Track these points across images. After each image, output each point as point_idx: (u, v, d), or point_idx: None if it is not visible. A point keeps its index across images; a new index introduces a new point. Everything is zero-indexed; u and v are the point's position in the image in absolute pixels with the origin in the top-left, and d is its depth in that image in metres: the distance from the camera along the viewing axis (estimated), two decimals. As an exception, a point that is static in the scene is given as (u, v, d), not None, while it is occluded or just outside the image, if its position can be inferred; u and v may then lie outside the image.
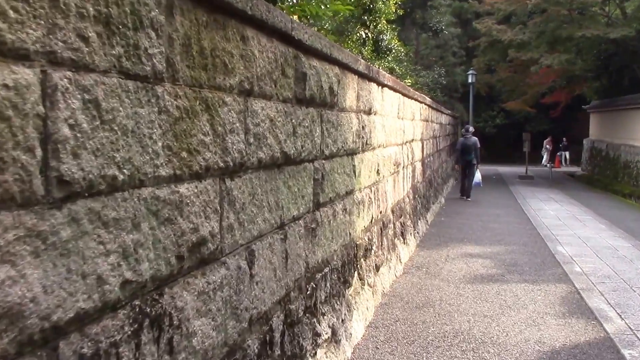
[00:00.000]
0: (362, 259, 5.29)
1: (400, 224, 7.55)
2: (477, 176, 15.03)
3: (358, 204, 5.13)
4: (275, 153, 3.10)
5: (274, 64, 3.05)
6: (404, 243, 7.63)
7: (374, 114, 5.91)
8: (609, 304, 6.04)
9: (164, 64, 1.97)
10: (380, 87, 6.23)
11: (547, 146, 29.71)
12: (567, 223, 11.28)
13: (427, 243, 8.94)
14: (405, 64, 15.90)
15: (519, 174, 22.82)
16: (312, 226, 3.81)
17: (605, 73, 21.03)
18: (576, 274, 7.22)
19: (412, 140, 9.19)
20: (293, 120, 3.39)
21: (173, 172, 2.03)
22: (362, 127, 5.31)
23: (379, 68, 6.81)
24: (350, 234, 4.85)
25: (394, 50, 10.07)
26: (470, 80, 24.38)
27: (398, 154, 7.55)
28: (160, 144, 1.94)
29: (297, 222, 3.51)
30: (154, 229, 1.90)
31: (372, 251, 5.73)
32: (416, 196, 9.39)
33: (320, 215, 4.01)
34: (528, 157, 23.02)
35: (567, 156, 30.88)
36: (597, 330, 5.27)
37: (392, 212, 7.04)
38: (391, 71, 10.48)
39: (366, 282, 5.39)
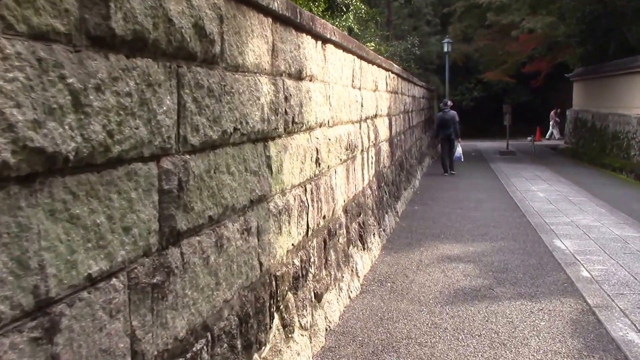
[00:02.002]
0: (288, 294, 3.57)
1: (359, 225, 5.84)
2: (458, 150, 14.75)
3: (278, 215, 3.39)
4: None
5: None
6: (364, 249, 5.92)
7: (309, 80, 4.14)
8: (639, 331, 4.41)
9: None
10: (319, 42, 4.47)
11: (557, 119, 27.77)
12: (560, 207, 9.67)
13: (396, 242, 7.25)
14: (373, 30, 14.06)
15: (500, 150, 21.19)
16: (155, 281, 2.07)
17: (590, 38, 19.33)
18: (585, 282, 5.59)
19: (376, 115, 7.45)
20: (71, 81, 1.62)
21: None
22: (285, 97, 3.55)
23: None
24: (261, 265, 3.11)
25: (352, 7, 8.26)
26: (445, 50, 22.64)
27: (353, 134, 5.81)
28: None
29: (102, 284, 1.78)
30: None
31: (309, 276, 4.01)
32: (382, 185, 7.67)
33: (181, 254, 2.27)
34: (509, 131, 21.44)
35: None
36: (632, 383, 3.64)
37: (345, 212, 5.31)
38: (349, 32, 8.67)
39: (297, 326, 3.67)
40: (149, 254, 2.06)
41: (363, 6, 9.74)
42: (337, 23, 7.91)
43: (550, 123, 28.45)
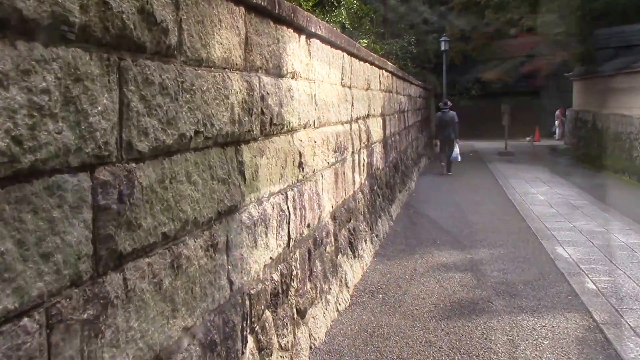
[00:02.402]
0: (265, 313, 3.22)
1: (349, 231, 5.49)
2: (455, 150, 14.55)
3: (253, 227, 3.04)
4: None
5: None
6: (354, 257, 5.57)
7: (291, 77, 3.79)
8: (652, 351, 4.06)
9: None
10: (303, 36, 4.12)
11: (563, 118, 27.14)
12: (562, 211, 9.31)
13: (389, 249, 6.90)
14: (367, 27, 13.71)
15: (499, 150, 20.82)
16: (86, 316, 1.72)
17: (590, 37, 18.99)
18: (590, 295, 5.24)
19: (368, 115, 7.10)
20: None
21: None
22: (261, 96, 3.20)
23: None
24: (231, 283, 2.76)
25: (344, 2, 7.89)
26: (443, 48, 22.26)
27: (342, 135, 5.46)
28: None
29: (6, 327, 1.45)
30: None
31: (291, 291, 3.66)
32: (375, 188, 7.32)
33: (124, 280, 1.92)
34: (507, 131, 21.07)
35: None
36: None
37: (334, 218, 4.96)
38: (342, 29, 8.31)
39: (276, 347, 3.32)
40: (79, 283, 1.71)
41: (355, 1, 9.37)
42: (328, 19, 7.55)
43: (556, 122, 27.94)
